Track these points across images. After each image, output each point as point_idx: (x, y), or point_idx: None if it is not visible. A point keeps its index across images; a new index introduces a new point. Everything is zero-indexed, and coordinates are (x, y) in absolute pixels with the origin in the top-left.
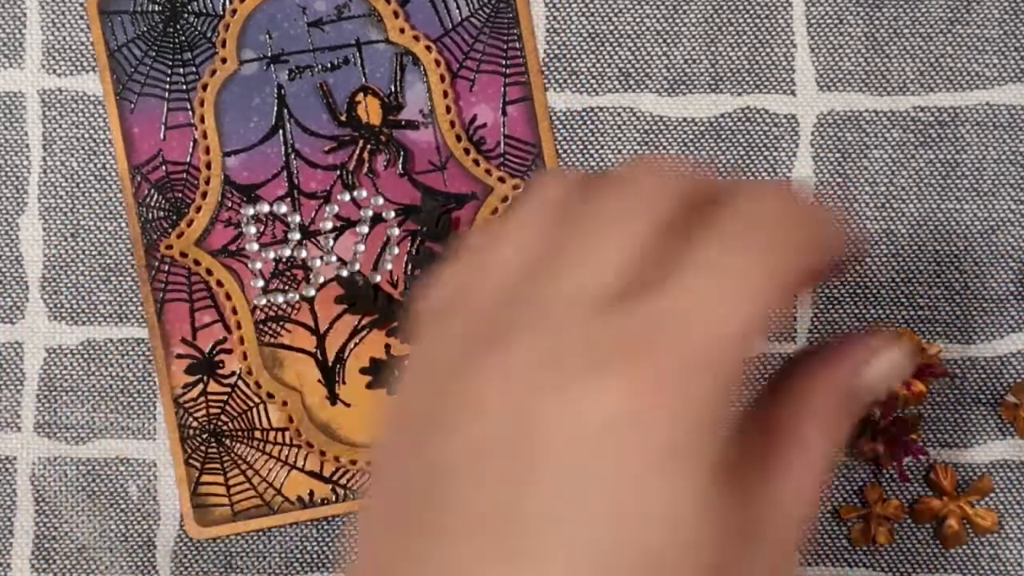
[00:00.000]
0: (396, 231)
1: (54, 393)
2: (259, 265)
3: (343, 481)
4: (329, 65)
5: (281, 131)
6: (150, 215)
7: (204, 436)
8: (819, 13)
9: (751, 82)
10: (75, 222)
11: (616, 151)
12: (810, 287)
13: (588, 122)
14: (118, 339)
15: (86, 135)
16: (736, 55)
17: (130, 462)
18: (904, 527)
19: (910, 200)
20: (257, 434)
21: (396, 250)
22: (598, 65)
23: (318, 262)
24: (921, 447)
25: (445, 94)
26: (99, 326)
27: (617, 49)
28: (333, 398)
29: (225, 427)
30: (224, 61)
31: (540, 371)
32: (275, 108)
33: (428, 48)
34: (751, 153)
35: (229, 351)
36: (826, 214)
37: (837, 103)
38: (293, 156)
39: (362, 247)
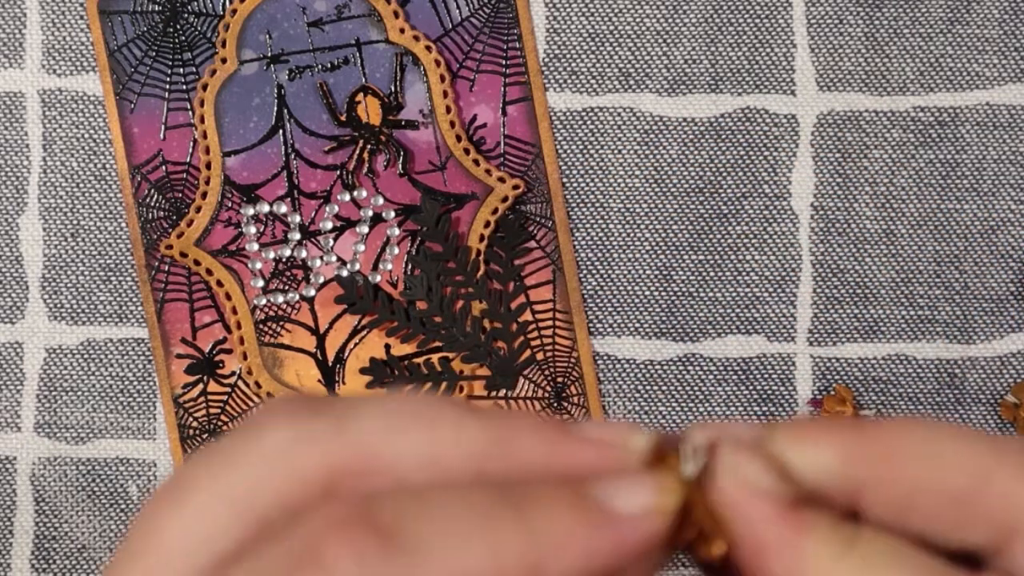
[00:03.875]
0: (396, 231)
1: (54, 393)
2: (259, 265)
3: None
4: (329, 65)
5: (281, 131)
6: (150, 215)
7: (204, 436)
8: (819, 13)
9: (751, 82)
10: (75, 222)
11: (616, 151)
12: None
13: (588, 122)
14: (118, 339)
15: (86, 135)
16: (736, 55)
17: (130, 462)
18: None
19: (910, 200)
20: None
21: (396, 250)
22: (598, 65)
23: (318, 262)
24: None
25: (445, 94)
26: (99, 326)
27: (617, 49)
28: None
29: (225, 427)
30: (224, 61)
31: None
32: (275, 108)
33: (428, 48)
34: (751, 153)
35: (229, 351)
36: None
37: (837, 103)
38: (293, 156)
39: (362, 247)
